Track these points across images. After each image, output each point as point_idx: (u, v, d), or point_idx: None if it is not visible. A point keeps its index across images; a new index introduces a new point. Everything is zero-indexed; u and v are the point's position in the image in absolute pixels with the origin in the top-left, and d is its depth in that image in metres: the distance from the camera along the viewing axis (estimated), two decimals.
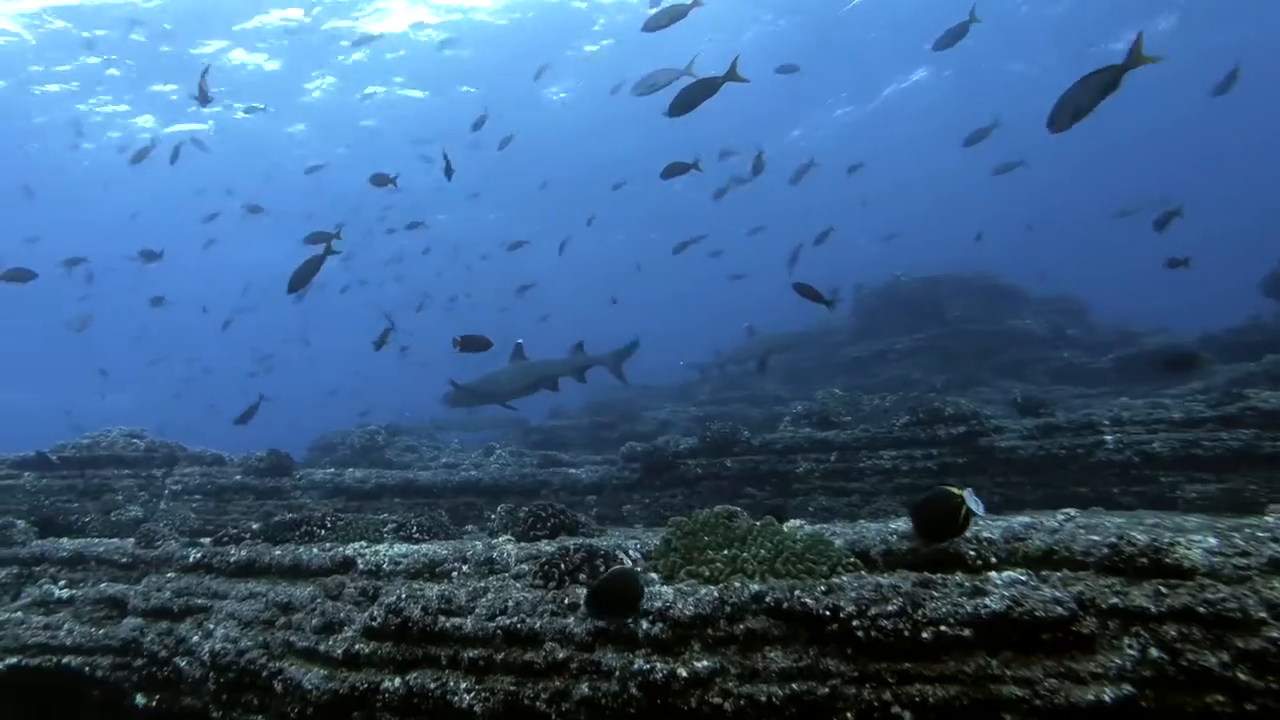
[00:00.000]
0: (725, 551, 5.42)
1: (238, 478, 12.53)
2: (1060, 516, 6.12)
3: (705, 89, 7.70)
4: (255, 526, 7.92)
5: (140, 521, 10.82)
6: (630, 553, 5.99)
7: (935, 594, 4.53)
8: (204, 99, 11.87)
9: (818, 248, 18.49)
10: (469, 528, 11.42)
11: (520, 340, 13.49)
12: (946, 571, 4.83)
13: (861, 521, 7.20)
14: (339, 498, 12.20)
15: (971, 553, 4.87)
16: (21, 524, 9.21)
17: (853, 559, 5.22)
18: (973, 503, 4.71)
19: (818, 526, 6.83)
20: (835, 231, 17.43)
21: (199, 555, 7.66)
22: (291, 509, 11.82)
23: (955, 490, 4.86)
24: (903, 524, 7.26)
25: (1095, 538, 4.87)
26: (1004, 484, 11.44)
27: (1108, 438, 11.09)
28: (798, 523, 6.44)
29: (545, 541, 6.53)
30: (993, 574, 4.65)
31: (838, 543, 5.48)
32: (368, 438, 16.01)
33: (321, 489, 12.33)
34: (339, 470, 12.85)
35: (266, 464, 12.55)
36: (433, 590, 5.57)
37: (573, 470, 12.87)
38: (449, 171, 11.07)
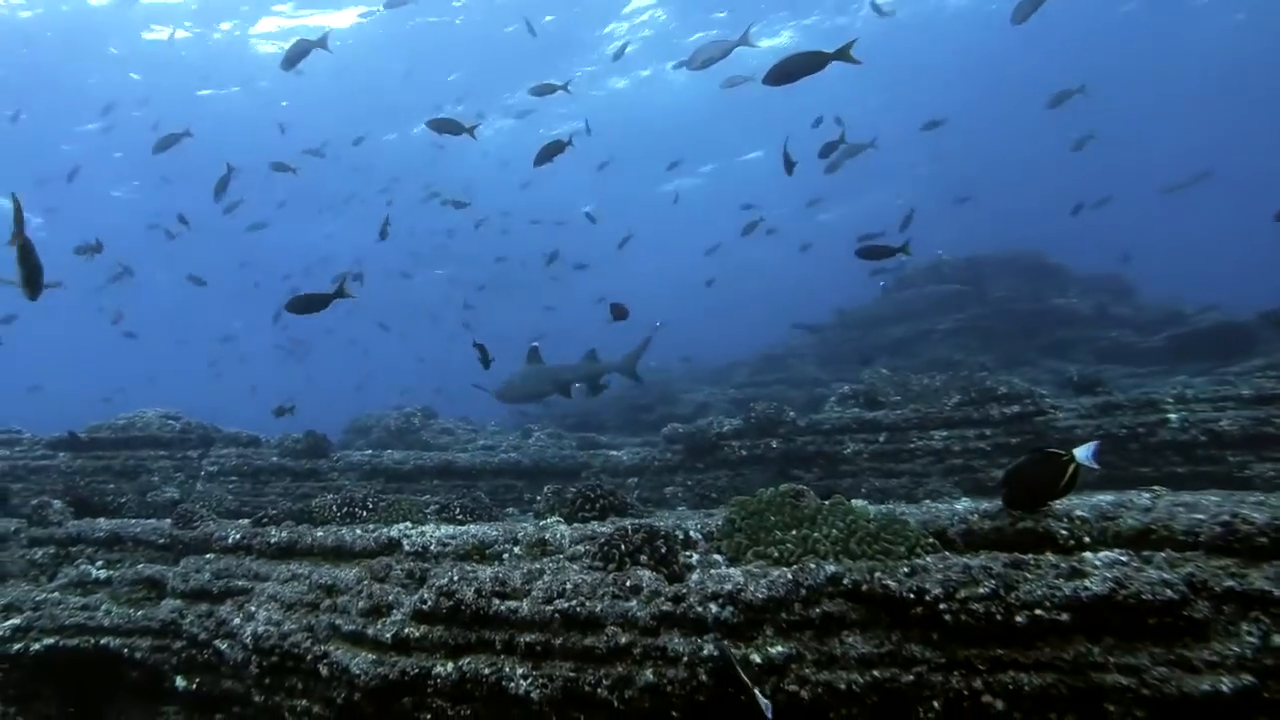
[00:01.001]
0: (794, 532, 5.11)
1: (274, 459, 12.38)
2: (1147, 495, 5.74)
3: (809, 63, 7.19)
4: (295, 508, 7.70)
5: (176, 503, 10.70)
6: (691, 533, 5.70)
7: (1029, 575, 4.18)
8: None
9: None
10: (510, 510, 11.19)
11: (536, 343, 13.37)
12: (1036, 552, 4.48)
13: (926, 502, 6.86)
14: (377, 479, 12.00)
15: (1063, 531, 4.52)
16: (58, 504, 9.08)
17: (930, 539, 4.89)
18: (1086, 457, 4.36)
19: (881, 507, 6.51)
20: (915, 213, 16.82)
21: (239, 536, 7.47)
22: (329, 491, 11.68)
23: (1059, 451, 4.53)
24: (968, 503, 6.93)
25: (1199, 516, 4.50)
26: None
27: (1171, 416, 10.63)
28: (860, 503, 6.12)
29: (598, 522, 6.24)
30: (1088, 554, 4.29)
31: (911, 522, 5.15)
32: (404, 420, 15.83)
33: (359, 470, 12.14)
34: (377, 452, 12.67)
35: (303, 446, 12.39)
36: (485, 572, 5.30)
37: (613, 452, 12.61)
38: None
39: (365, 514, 7.60)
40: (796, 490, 5.59)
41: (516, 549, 5.98)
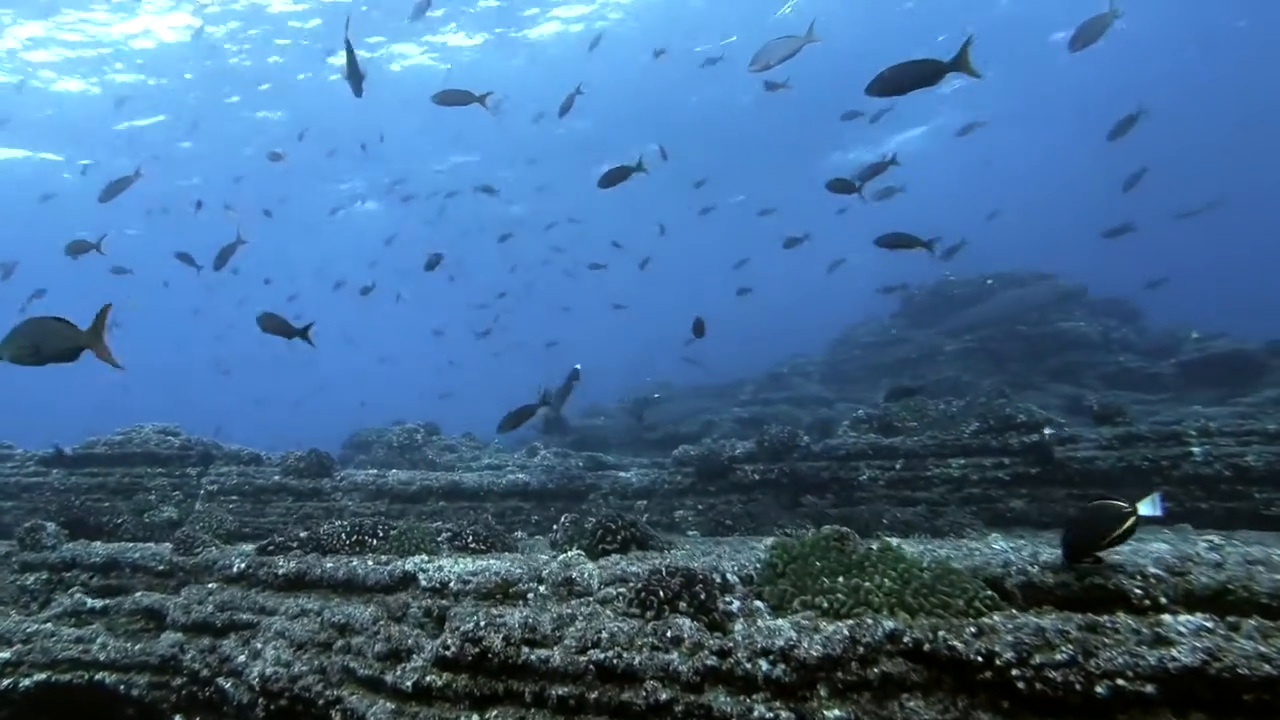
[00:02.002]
0: (842, 579, 4.82)
1: (276, 478, 12.01)
2: (1205, 544, 5.49)
3: (921, 74, 6.12)
4: (303, 534, 7.36)
5: (175, 523, 10.35)
6: (728, 575, 5.41)
7: (1108, 640, 3.91)
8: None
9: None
10: (518, 534, 10.88)
11: (578, 365, 12.97)
12: (1108, 610, 4.22)
13: (964, 543, 6.59)
14: (381, 500, 11.67)
15: (1138, 590, 4.24)
16: (52, 526, 8.70)
17: (988, 592, 4.61)
18: (1150, 510, 4.12)
19: (931, 550, 6.24)
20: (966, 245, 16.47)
21: (243, 565, 7.13)
22: (332, 511, 11.37)
23: (1120, 503, 4.29)
24: (1004, 542, 6.66)
25: None
26: (1081, 496, 10.80)
27: (1195, 449, 10.40)
28: (907, 548, 5.83)
29: (625, 559, 5.94)
30: (1167, 618, 4.02)
31: (964, 571, 4.87)
32: (406, 436, 15.48)
33: (363, 491, 11.79)
34: (381, 471, 12.33)
35: (306, 464, 12.03)
36: (514, 616, 4.99)
37: (622, 474, 12.30)
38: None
39: (376, 542, 7.27)
40: (841, 533, 5.31)
41: (542, 588, 5.67)
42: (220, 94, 31.95)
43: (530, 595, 5.67)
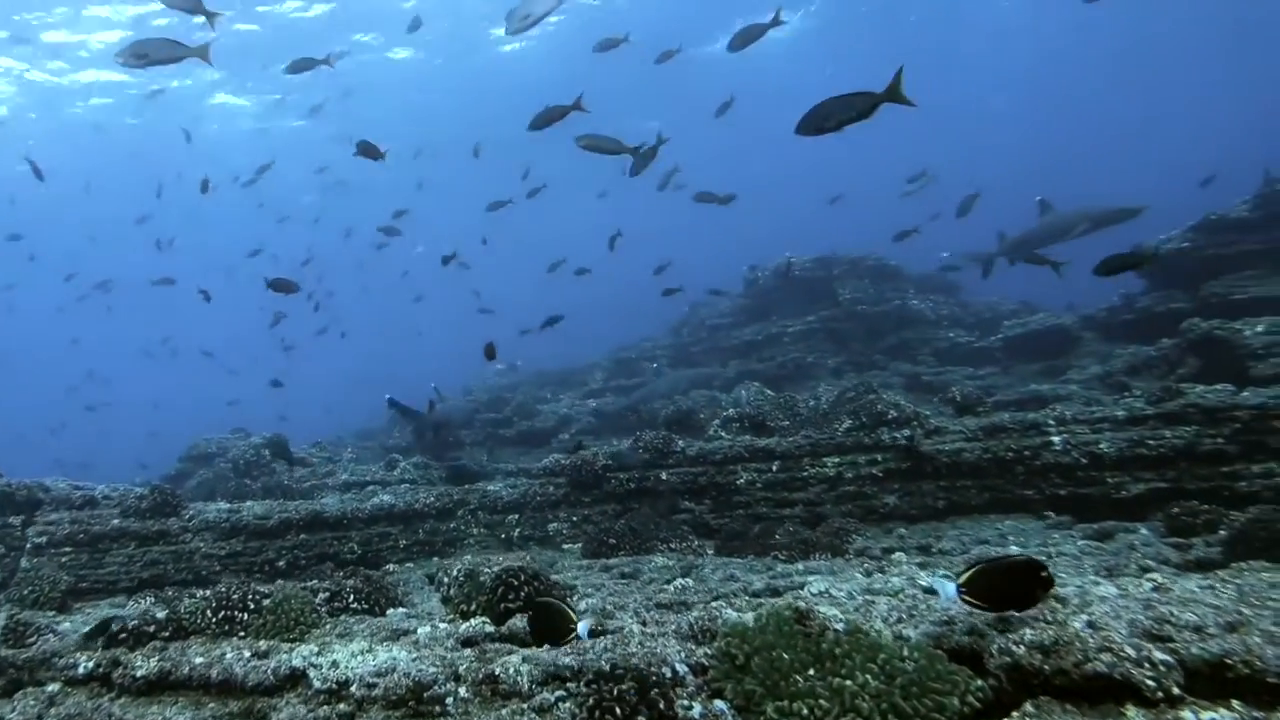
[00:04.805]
0: (817, 675, 4.27)
1: (115, 522, 10.25)
2: (1149, 585, 5.38)
3: (853, 108, 5.55)
4: (160, 615, 6.06)
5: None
6: (677, 665, 4.75)
7: None
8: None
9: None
10: (390, 567, 9.92)
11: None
12: (1116, 702, 3.90)
13: (889, 579, 6.28)
14: (238, 538, 10.29)
15: (1150, 682, 3.93)
16: None
17: (979, 683, 4.21)
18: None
19: (844, 585, 5.85)
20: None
21: (91, 664, 5.76)
22: (181, 556, 9.97)
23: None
24: (927, 576, 6.40)
25: None
26: (948, 488, 10.99)
27: (1054, 438, 10.78)
28: (882, 633, 5.39)
29: (556, 650, 5.14)
30: (1188, 715, 3.73)
31: (937, 652, 4.47)
32: (253, 452, 13.82)
33: (216, 530, 10.32)
34: (235, 506, 10.87)
35: (149, 503, 10.35)
36: None
37: (491, 487, 11.43)
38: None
39: (248, 617, 6.12)
40: (800, 611, 4.77)
41: (462, 690, 4.80)
42: None
43: (449, 700, 4.78)
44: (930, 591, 5.84)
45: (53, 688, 5.88)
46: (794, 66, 36.63)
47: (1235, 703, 3.77)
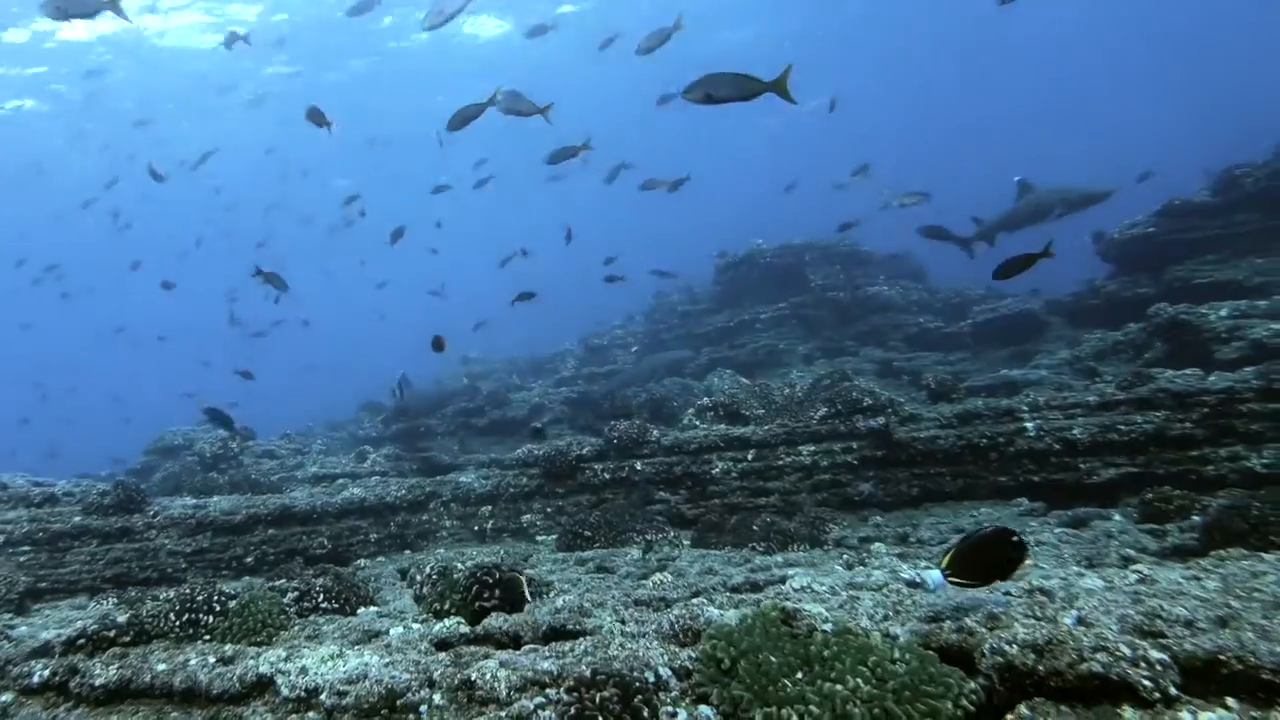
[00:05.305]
0: (805, 678, 4.17)
1: (77, 520, 9.90)
2: (1133, 576, 5.35)
3: (738, 88, 6.15)
4: (121, 620, 5.81)
5: None
6: (660, 669, 4.62)
7: None
8: None
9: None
10: (360, 562, 9.70)
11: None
12: (1112, 703, 3.84)
13: (871, 572, 6.21)
14: (203, 534, 9.98)
15: (1146, 682, 3.87)
16: None
17: (971, 685, 4.13)
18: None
19: (827, 580, 5.77)
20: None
21: (47, 673, 5.49)
22: (145, 553, 9.65)
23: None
24: (909, 568, 6.34)
25: None
26: (922, 475, 10.99)
27: (1028, 425, 10.80)
28: (875, 636, 5.31)
29: (537, 653, 4.97)
30: (1185, 716, 3.68)
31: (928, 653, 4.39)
32: (220, 445, 13.44)
33: (181, 526, 10.02)
34: (201, 501, 10.55)
35: (112, 499, 10.00)
36: None
37: (464, 479, 11.23)
38: None
39: (213, 620, 5.89)
40: (786, 612, 4.67)
41: (437, 697, 4.63)
42: None
43: (423, 709, 4.62)
44: (915, 585, 5.78)
45: (6, 697, 5.63)
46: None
47: (1230, 701, 3.71)
